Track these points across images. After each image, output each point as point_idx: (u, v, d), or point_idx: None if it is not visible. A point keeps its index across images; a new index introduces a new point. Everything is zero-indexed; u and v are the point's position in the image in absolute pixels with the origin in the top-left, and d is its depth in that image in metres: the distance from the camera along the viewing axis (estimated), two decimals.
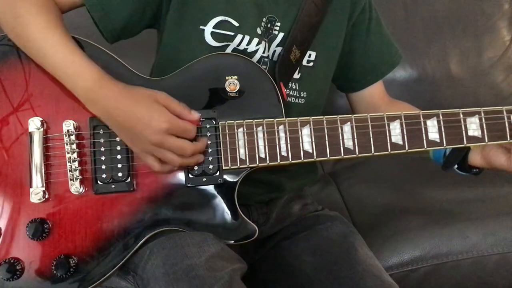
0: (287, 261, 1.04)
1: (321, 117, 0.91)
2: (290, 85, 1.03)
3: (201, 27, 0.99)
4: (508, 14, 1.85)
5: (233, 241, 0.94)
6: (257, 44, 1.00)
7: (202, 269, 0.83)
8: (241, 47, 1.00)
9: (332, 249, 1.01)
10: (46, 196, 0.91)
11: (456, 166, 1.02)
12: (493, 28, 1.83)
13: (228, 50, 1.00)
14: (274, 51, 1.03)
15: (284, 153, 0.91)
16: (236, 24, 1.00)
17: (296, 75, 1.04)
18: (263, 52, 1.01)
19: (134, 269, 0.94)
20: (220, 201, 0.94)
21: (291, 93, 1.04)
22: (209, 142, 0.92)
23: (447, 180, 1.46)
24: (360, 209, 1.39)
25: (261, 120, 0.92)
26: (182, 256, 0.87)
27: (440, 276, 1.25)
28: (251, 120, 0.92)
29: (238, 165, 0.92)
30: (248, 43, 1.00)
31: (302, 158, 0.91)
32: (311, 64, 1.06)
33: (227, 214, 0.94)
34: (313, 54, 1.06)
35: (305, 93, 1.06)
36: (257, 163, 0.92)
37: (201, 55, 0.96)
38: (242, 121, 0.92)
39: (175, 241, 0.90)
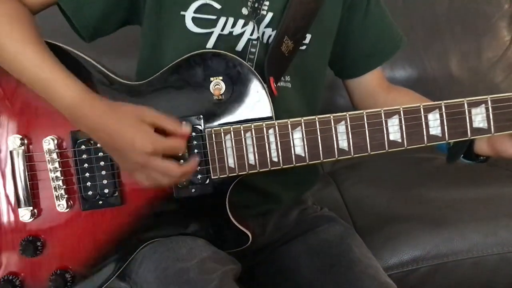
0: (285, 264, 1.03)
1: (313, 117, 0.85)
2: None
3: (182, 12, 0.93)
4: (508, 14, 1.85)
5: (226, 249, 0.93)
6: (243, 26, 0.94)
7: (193, 273, 0.83)
8: (226, 31, 0.94)
9: (330, 251, 1.01)
10: (36, 215, 0.90)
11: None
12: (493, 28, 1.83)
13: (213, 37, 0.94)
14: (263, 32, 0.96)
15: (275, 159, 0.87)
16: (218, 6, 0.93)
17: None
18: (251, 34, 0.94)
19: (129, 274, 0.94)
20: (211, 211, 0.92)
21: (283, 78, 0.98)
22: (195, 151, 0.88)
23: (447, 180, 1.47)
24: (360, 209, 1.38)
25: (249, 125, 0.86)
26: (174, 260, 0.86)
27: (440, 276, 1.24)
28: (239, 126, 0.87)
29: (227, 174, 0.88)
30: (233, 26, 0.94)
31: (294, 163, 0.87)
32: (304, 47, 0.99)
33: (219, 223, 0.92)
34: (308, 37, 0.98)
35: (298, 78, 1.00)
36: (247, 170, 0.87)
37: (183, 44, 0.92)
38: (229, 127, 0.87)
39: (167, 245, 0.90)
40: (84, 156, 0.88)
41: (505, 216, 1.28)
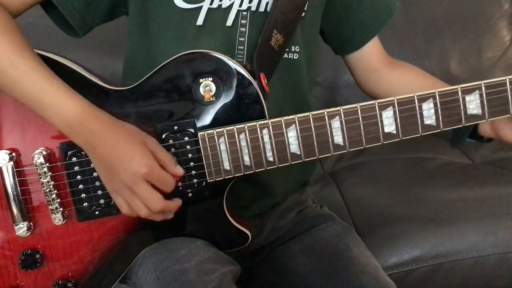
0: (283, 264, 1.03)
1: (307, 114, 0.84)
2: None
3: None
4: (508, 14, 1.85)
5: (226, 249, 0.93)
6: None
7: (192, 274, 0.83)
8: (215, 4, 0.90)
9: (327, 250, 1.00)
10: (32, 229, 0.88)
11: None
12: (493, 28, 1.84)
13: (202, 12, 0.91)
14: (260, 0, 0.92)
15: (270, 158, 0.85)
16: None
17: None
18: (240, 5, 0.91)
19: (129, 276, 0.93)
20: (208, 212, 0.91)
21: (291, 49, 0.96)
22: (189, 156, 0.86)
23: (447, 180, 1.47)
24: (360, 209, 1.38)
25: (243, 126, 0.84)
26: (173, 261, 0.86)
27: (440, 276, 1.24)
28: (232, 128, 0.84)
29: (223, 176, 0.86)
30: None
31: (290, 161, 0.86)
32: (302, 14, 0.95)
33: (217, 224, 0.91)
34: (305, 4, 0.96)
35: (297, 47, 0.97)
36: (243, 172, 0.86)
37: (172, 23, 0.90)
38: (222, 129, 0.84)
39: (166, 246, 0.89)
40: (76, 168, 0.86)
41: (505, 216, 1.28)
